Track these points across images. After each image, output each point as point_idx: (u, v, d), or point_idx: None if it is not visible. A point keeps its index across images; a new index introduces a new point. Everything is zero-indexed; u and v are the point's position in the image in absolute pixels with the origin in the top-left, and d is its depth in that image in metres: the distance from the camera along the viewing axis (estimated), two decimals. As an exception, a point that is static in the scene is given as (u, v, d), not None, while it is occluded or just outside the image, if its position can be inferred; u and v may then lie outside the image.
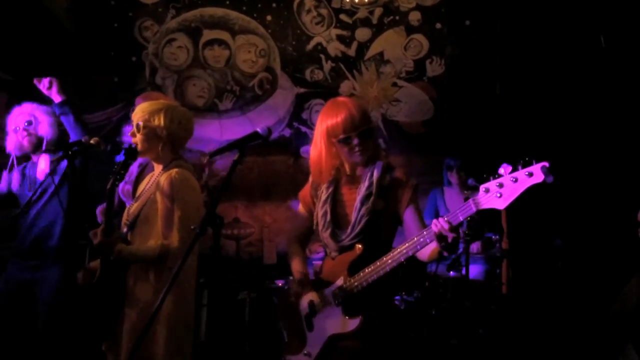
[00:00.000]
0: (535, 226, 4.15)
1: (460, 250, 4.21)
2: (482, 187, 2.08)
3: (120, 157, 2.70)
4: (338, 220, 2.55)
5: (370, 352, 2.40)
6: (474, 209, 2.09)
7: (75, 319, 3.65)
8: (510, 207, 4.97)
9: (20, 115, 3.75)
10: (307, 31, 5.51)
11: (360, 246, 2.43)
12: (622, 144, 4.62)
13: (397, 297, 4.05)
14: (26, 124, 3.69)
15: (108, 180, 2.55)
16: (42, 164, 3.70)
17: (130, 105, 4.33)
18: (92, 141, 2.81)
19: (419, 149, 5.41)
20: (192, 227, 2.11)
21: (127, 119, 4.16)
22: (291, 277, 2.70)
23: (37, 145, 3.72)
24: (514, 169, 2.04)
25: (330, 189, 2.58)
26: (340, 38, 5.51)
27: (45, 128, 3.73)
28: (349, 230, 2.48)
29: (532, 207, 4.62)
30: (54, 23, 5.22)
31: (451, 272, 4.24)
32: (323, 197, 2.58)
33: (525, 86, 5.10)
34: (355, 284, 2.40)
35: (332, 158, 2.53)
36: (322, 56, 5.49)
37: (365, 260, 2.38)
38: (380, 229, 2.45)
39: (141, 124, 2.67)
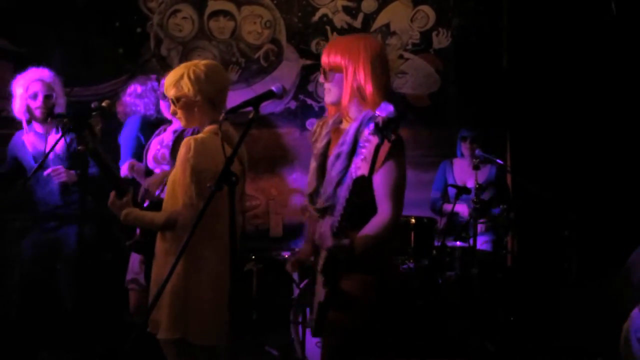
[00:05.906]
0: (542, 194, 4.16)
1: (467, 219, 4.23)
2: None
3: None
4: (323, 178, 2.28)
5: (344, 323, 2.19)
6: (350, 179, 1.86)
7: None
8: (517, 174, 4.98)
9: (40, 82, 3.73)
10: (313, 2, 5.46)
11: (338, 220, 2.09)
12: (633, 114, 4.61)
13: (404, 266, 4.06)
14: (46, 97, 3.71)
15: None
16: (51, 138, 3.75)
17: (135, 77, 4.34)
18: (103, 104, 2.82)
19: (426, 121, 5.38)
20: (207, 185, 2.11)
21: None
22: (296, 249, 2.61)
23: (48, 116, 3.75)
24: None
25: (325, 141, 2.33)
26: (346, 9, 5.45)
27: (62, 105, 3.81)
28: (321, 193, 2.25)
29: (539, 174, 4.64)
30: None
31: (458, 242, 4.27)
32: (315, 150, 2.35)
33: (533, 58, 5.07)
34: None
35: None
36: (328, 28, 5.44)
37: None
38: (357, 194, 2.07)
39: (174, 98, 2.60)
